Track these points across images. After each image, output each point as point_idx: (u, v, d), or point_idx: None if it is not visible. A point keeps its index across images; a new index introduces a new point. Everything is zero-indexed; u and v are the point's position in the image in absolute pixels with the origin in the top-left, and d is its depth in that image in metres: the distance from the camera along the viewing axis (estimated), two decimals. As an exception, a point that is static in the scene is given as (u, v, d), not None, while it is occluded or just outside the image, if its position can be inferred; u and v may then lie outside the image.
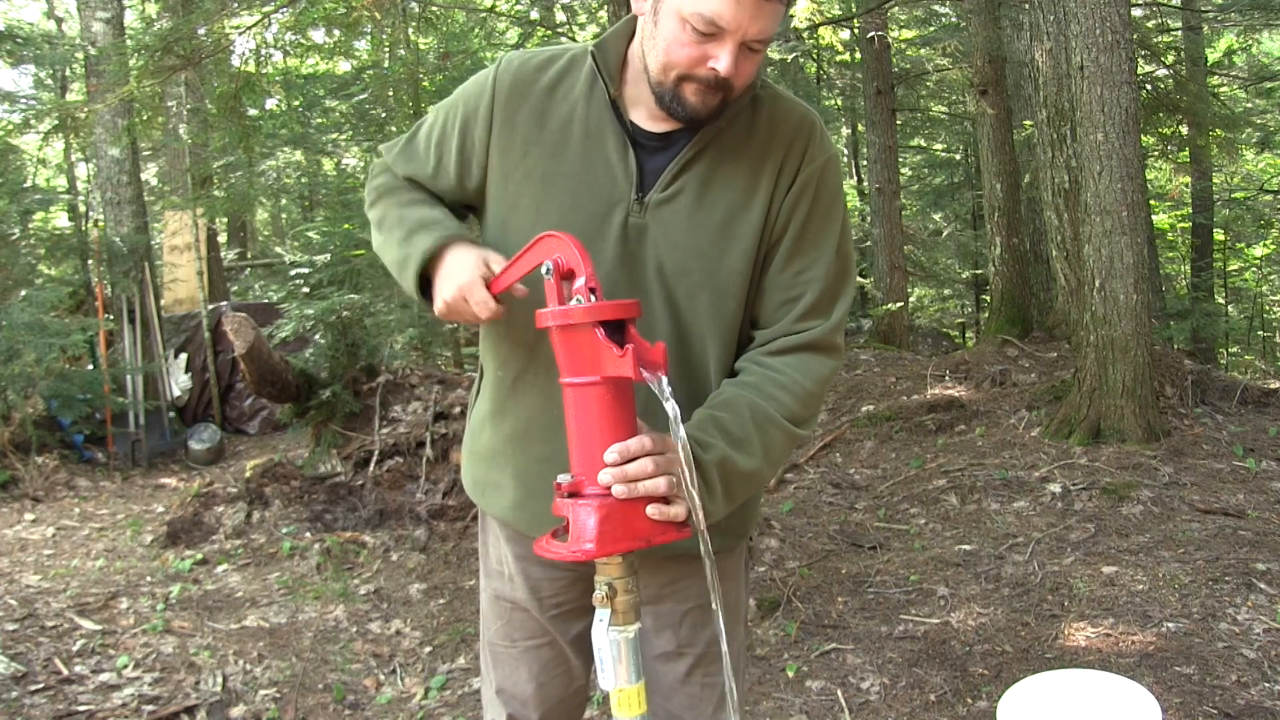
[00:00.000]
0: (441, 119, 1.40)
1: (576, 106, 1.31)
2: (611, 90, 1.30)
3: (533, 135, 1.31)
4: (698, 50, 1.17)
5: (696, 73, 1.19)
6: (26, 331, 5.94)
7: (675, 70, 1.20)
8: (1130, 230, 4.90)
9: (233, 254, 13.75)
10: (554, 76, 1.33)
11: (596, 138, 1.30)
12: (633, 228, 1.29)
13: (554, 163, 1.30)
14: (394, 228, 1.36)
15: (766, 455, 1.25)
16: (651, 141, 1.30)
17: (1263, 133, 10.23)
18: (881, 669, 3.02)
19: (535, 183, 1.30)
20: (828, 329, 1.31)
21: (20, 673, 3.06)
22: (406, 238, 1.32)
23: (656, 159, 1.30)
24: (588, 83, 1.32)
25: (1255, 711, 2.61)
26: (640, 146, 1.30)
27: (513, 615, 1.50)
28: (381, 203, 1.42)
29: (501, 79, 1.33)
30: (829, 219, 1.33)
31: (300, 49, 6.08)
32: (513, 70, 1.34)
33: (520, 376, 1.36)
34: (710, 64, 1.17)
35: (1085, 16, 4.92)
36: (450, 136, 1.37)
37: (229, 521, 4.70)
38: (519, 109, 1.32)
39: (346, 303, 5.03)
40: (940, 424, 5.68)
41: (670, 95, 1.22)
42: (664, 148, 1.30)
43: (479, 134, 1.34)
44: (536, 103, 1.32)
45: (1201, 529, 3.91)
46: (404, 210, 1.38)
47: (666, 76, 1.21)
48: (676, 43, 1.18)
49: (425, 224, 1.32)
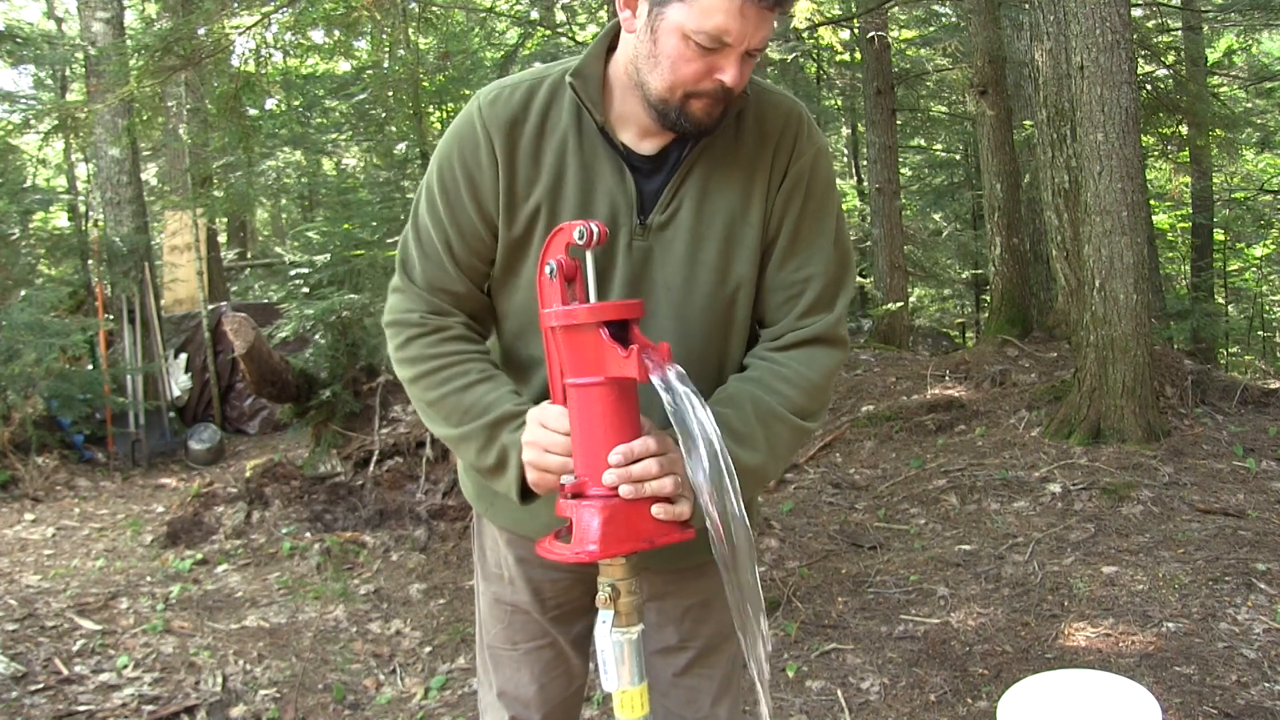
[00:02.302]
0: (439, 191, 1.31)
1: (568, 139, 1.28)
2: (598, 118, 1.27)
3: (531, 174, 1.28)
4: (703, 64, 1.16)
5: (703, 87, 1.18)
6: (26, 331, 5.94)
7: (683, 88, 1.18)
8: (1130, 230, 4.90)
9: (233, 254, 13.74)
10: (540, 110, 1.29)
11: (592, 167, 1.28)
12: (638, 250, 1.29)
13: (555, 198, 1.28)
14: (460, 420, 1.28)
15: (772, 450, 1.25)
16: (645, 164, 1.29)
17: (1263, 133, 10.23)
18: (881, 669, 3.02)
19: (540, 221, 1.29)
20: (831, 322, 1.32)
21: (20, 673, 3.06)
22: (485, 448, 1.26)
23: (653, 180, 1.29)
24: (573, 112, 1.28)
25: (1255, 711, 2.61)
26: (636, 170, 1.29)
27: (514, 618, 1.50)
28: (428, 380, 1.30)
29: (490, 121, 1.28)
30: (823, 212, 1.33)
31: (300, 49, 6.07)
32: (497, 108, 1.28)
33: (522, 384, 1.36)
34: (717, 76, 1.17)
35: (1085, 16, 4.92)
36: (460, 200, 1.30)
37: (229, 521, 4.70)
38: (515, 148, 1.28)
39: (346, 303, 5.03)
40: (940, 424, 5.68)
41: (677, 113, 1.20)
42: (658, 168, 1.29)
43: (489, 184, 1.29)
44: (529, 141, 1.28)
45: (1201, 529, 3.91)
46: (462, 396, 1.28)
47: (673, 95, 1.19)
48: (682, 60, 1.16)
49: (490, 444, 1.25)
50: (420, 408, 1.34)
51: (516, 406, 1.25)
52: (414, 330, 1.32)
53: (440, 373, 1.29)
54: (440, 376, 1.29)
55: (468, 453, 1.28)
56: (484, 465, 1.27)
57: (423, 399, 1.32)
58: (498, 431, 1.24)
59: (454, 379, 1.28)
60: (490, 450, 1.25)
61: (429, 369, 1.30)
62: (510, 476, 1.24)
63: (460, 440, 1.28)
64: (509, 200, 1.29)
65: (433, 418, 1.32)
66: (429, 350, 1.31)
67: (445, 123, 6.27)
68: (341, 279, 5.43)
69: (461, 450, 1.30)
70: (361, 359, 5.21)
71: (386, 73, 6.13)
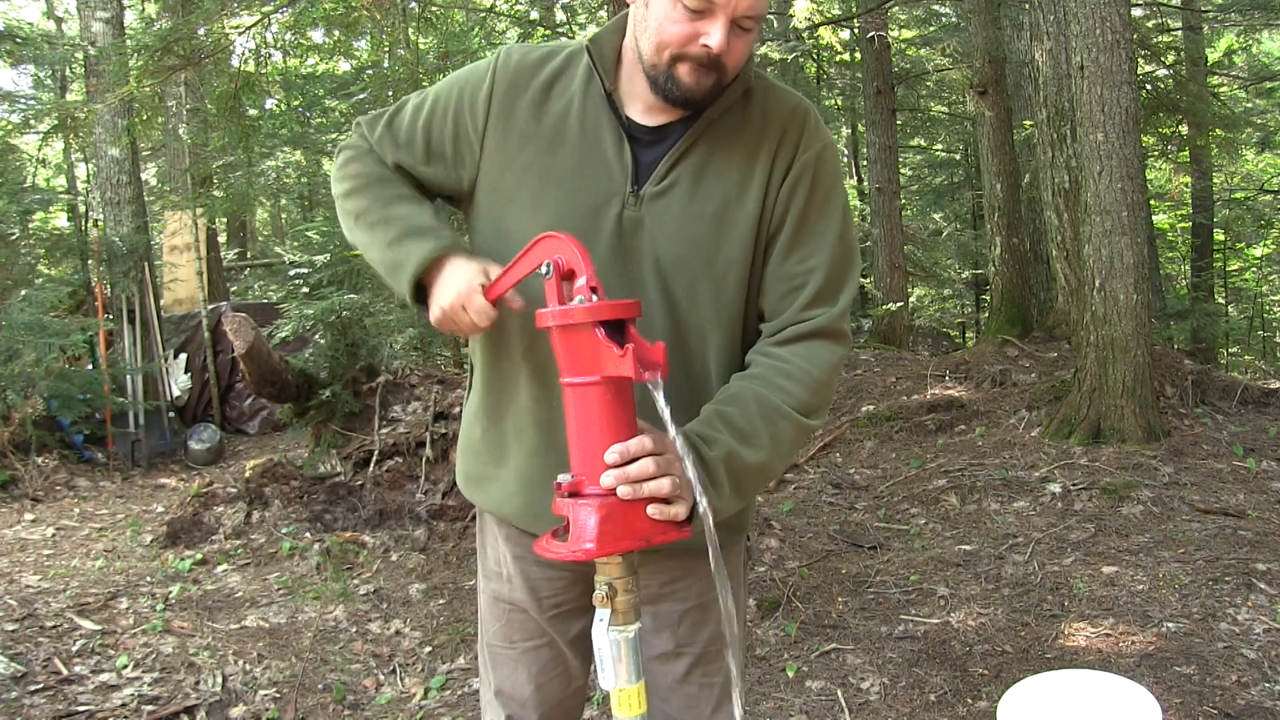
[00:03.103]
0: (431, 103, 1.38)
1: (573, 102, 1.32)
2: (607, 84, 1.30)
3: (529, 129, 1.31)
4: (689, 28, 1.18)
5: (689, 51, 1.20)
6: (26, 331, 5.94)
7: (668, 50, 1.20)
8: (1130, 230, 4.90)
9: (233, 254, 13.75)
10: (552, 72, 1.34)
11: (593, 132, 1.30)
12: (628, 220, 1.29)
13: (550, 157, 1.30)
14: (380, 227, 1.34)
15: (775, 448, 1.25)
16: (647, 135, 1.31)
17: (1263, 133, 10.23)
18: (881, 669, 3.02)
19: (533, 177, 1.30)
20: (834, 315, 1.31)
21: (20, 673, 3.06)
22: (397, 241, 1.30)
23: (651, 152, 1.30)
24: (584, 78, 1.32)
25: (1255, 711, 2.61)
26: (635, 140, 1.31)
27: (511, 616, 1.50)
28: (362, 194, 1.37)
29: (502, 70, 1.33)
30: (828, 206, 1.33)
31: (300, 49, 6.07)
32: (512, 63, 1.34)
33: (511, 370, 1.36)
34: (702, 40, 1.18)
35: (1085, 16, 4.92)
36: (444, 121, 1.36)
37: (229, 521, 4.70)
38: (516, 101, 1.32)
39: (346, 303, 5.03)
40: (940, 424, 5.68)
41: (665, 76, 1.22)
42: (659, 141, 1.31)
43: (475, 123, 1.34)
44: (534, 96, 1.32)
45: (1201, 529, 3.91)
46: (390, 209, 1.34)
47: (660, 57, 1.22)
48: (668, 21, 1.19)
49: (418, 230, 1.30)
50: (346, 220, 1.40)
51: (438, 224, 1.31)
52: (359, 152, 1.41)
53: (378, 187, 1.37)
54: (375, 190, 1.36)
55: (378, 242, 1.33)
56: (388, 259, 1.31)
57: (351, 210, 1.38)
58: (413, 237, 1.29)
59: (388, 188, 1.36)
60: (400, 246, 1.29)
61: (365, 182, 1.37)
62: (407, 279, 1.27)
63: (373, 225, 1.34)
64: (500, 148, 1.33)
65: (354, 227, 1.38)
66: (370, 169, 1.39)
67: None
68: (341, 279, 5.44)
69: (373, 241, 1.35)
70: (361, 359, 5.22)
71: (386, 73, 6.13)
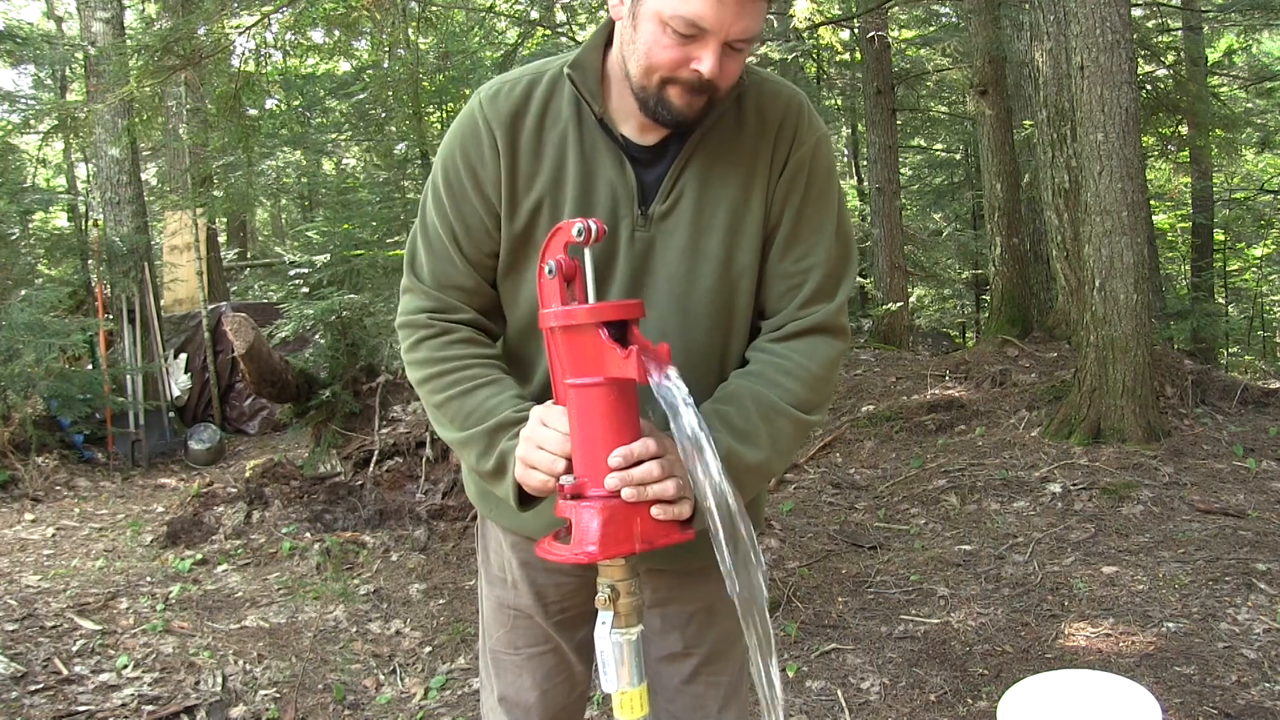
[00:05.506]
0: (445, 193, 1.31)
1: (567, 131, 1.28)
2: (596, 109, 1.27)
3: (532, 167, 1.28)
4: (679, 52, 1.14)
5: (679, 75, 1.16)
6: (26, 331, 5.94)
7: (658, 73, 1.17)
8: (1130, 230, 4.91)
9: (233, 254, 13.74)
10: (540, 104, 1.29)
11: (592, 159, 1.28)
12: (640, 241, 1.28)
13: (556, 191, 1.28)
14: (462, 448, 1.29)
15: (775, 446, 1.24)
16: (645, 155, 1.29)
17: (1263, 133, 10.23)
18: (881, 669, 3.02)
19: (543, 214, 1.28)
20: (832, 311, 1.30)
21: (20, 673, 3.06)
22: (485, 453, 1.25)
23: (653, 170, 1.29)
24: (573, 104, 1.28)
25: (1255, 711, 2.61)
26: (635, 160, 1.28)
27: (516, 622, 1.49)
28: (434, 384, 1.30)
29: (491, 115, 1.28)
30: (824, 201, 1.32)
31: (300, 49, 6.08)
32: (498, 102, 1.28)
33: (525, 383, 1.35)
34: (693, 65, 1.14)
35: (1085, 16, 4.92)
36: (468, 201, 1.30)
37: (229, 521, 4.70)
38: (517, 140, 1.28)
39: (346, 303, 5.03)
40: (940, 424, 5.69)
41: (654, 99, 1.19)
42: (658, 158, 1.29)
43: (491, 177, 1.28)
44: (531, 134, 1.28)
45: (1201, 529, 3.91)
46: (465, 400, 1.28)
47: (650, 80, 1.18)
48: (658, 45, 1.14)
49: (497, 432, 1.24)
50: (429, 410, 1.34)
51: (517, 413, 1.23)
52: (423, 332, 1.32)
53: (446, 376, 1.29)
54: (446, 380, 1.29)
55: (469, 457, 1.28)
56: (484, 470, 1.27)
57: (430, 401, 1.32)
58: (497, 437, 1.24)
59: (459, 383, 1.28)
60: (490, 455, 1.25)
61: (436, 372, 1.30)
62: (509, 482, 1.23)
63: (463, 444, 1.29)
64: (510, 194, 1.28)
65: (439, 420, 1.33)
66: (437, 353, 1.31)
67: (445, 123, 6.27)
68: (341, 279, 5.44)
69: (464, 454, 1.30)
70: (361, 359, 5.21)
71: (386, 73, 6.13)
